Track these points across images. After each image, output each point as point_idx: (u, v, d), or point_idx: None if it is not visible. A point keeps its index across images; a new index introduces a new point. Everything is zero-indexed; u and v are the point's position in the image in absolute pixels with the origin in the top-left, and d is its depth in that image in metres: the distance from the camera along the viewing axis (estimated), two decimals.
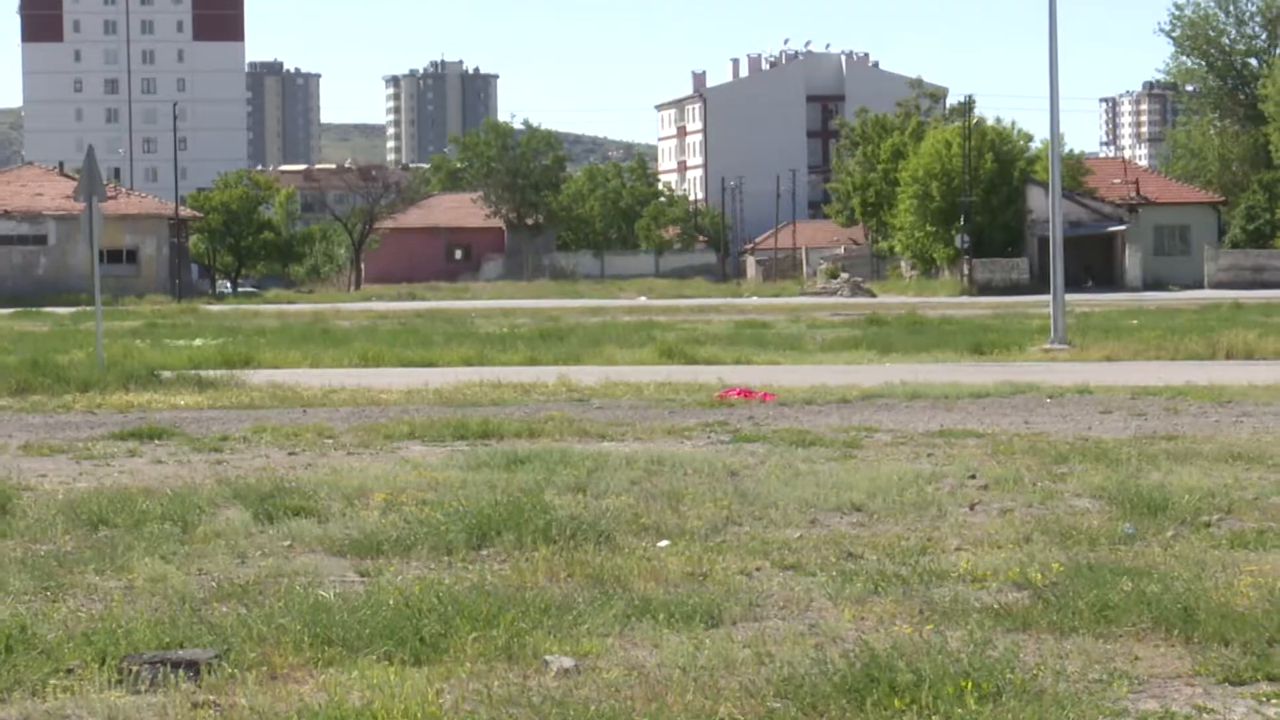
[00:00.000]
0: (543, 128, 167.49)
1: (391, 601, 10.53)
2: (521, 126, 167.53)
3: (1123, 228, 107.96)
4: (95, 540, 13.41)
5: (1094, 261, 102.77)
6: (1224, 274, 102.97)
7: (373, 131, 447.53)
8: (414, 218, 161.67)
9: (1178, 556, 12.28)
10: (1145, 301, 75.56)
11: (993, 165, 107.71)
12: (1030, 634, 10.07)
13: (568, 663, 9.36)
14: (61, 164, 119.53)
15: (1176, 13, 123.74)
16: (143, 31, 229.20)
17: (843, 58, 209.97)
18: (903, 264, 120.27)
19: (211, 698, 8.74)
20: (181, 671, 9.15)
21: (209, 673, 9.15)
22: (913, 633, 9.96)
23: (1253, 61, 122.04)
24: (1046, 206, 60.77)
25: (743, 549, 12.94)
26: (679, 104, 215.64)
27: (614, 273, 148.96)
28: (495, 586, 11.26)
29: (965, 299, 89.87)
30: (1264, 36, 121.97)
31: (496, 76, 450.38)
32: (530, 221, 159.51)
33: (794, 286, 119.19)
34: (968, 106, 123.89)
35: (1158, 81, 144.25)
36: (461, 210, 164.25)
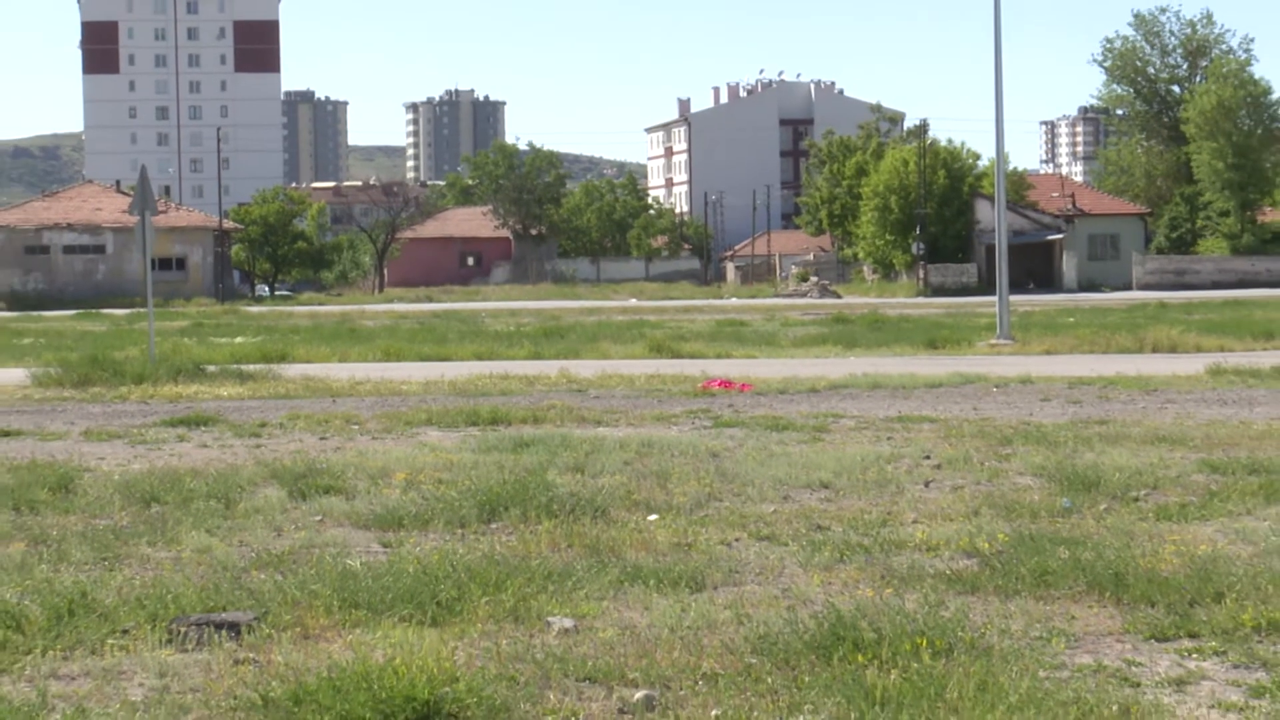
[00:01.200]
0: (545, 149, 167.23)
1: (411, 570, 10.52)
2: (526, 148, 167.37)
3: (1060, 236, 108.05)
4: (148, 516, 13.39)
5: (1035, 266, 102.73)
6: (1150, 277, 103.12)
7: (394, 152, 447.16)
8: (431, 229, 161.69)
9: (1109, 528, 12.28)
10: (1080, 302, 75.59)
11: (945, 181, 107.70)
12: (978, 597, 10.06)
13: (568, 623, 9.36)
14: (118, 182, 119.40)
15: (1108, 45, 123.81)
16: (190, 64, 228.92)
17: (812, 86, 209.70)
18: (865, 269, 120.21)
19: (251, 655, 8.73)
20: (224, 632, 9.16)
21: (249, 633, 9.15)
22: (874, 596, 9.97)
23: (1175, 88, 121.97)
24: (992, 217, 61.01)
25: (723, 522, 12.93)
26: (666, 127, 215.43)
27: (608, 277, 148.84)
28: (503, 556, 11.25)
29: (921, 300, 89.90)
30: (1185, 66, 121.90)
31: (504, 103, 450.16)
32: (534, 232, 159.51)
33: (769, 289, 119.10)
34: (922, 129, 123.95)
35: (1091, 106, 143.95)
36: (473, 222, 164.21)
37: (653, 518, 13.02)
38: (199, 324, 59.67)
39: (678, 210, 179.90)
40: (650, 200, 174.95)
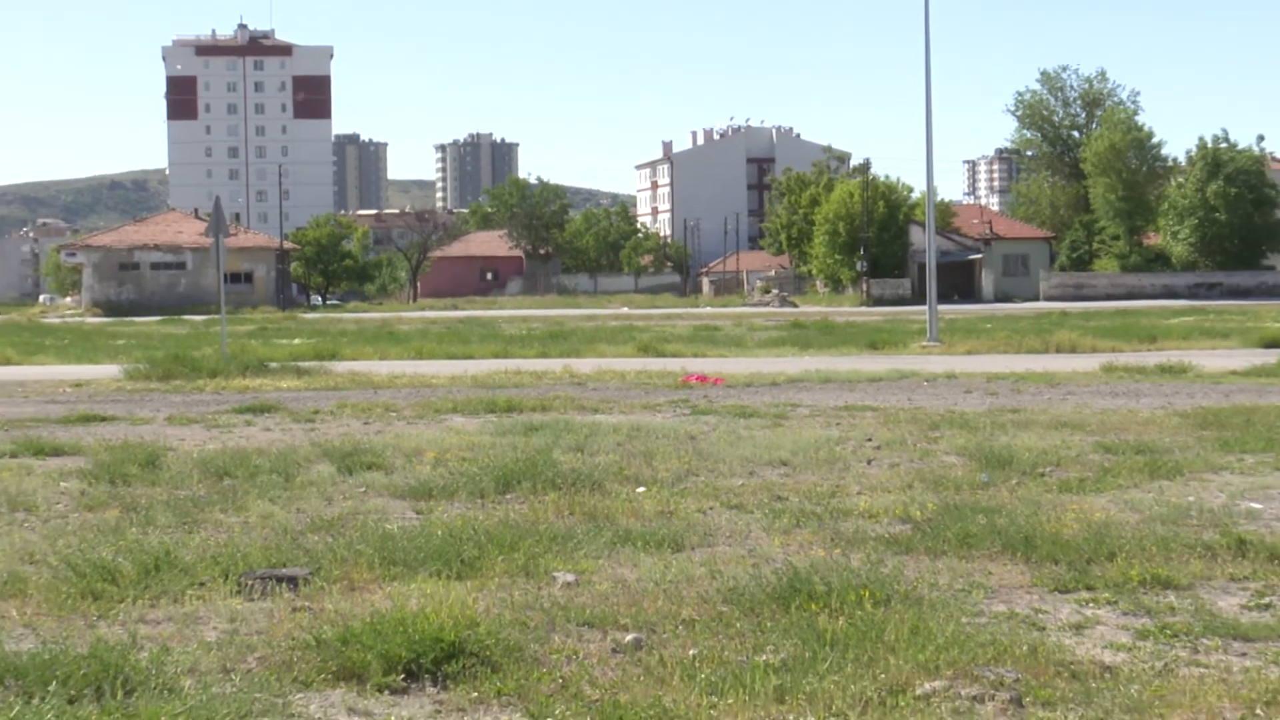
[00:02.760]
0: (551, 182, 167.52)
1: (439, 533, 10.51)
2: (535, 181, 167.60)
3: (979, 256, 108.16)
4: (220, 488, 13.37)
5: (958, 281, 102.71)
6: (1054, 290, 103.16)
7: (426, 185, 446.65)
8: (456, 249, 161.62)
9: (1020, 498, 12.29)
10: (996, 311, 75.66)
11: (884, 210, 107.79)
12: (911, 556, 10.07)
13: (570, 577, 9.35)
14: (196, 210, 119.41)
15: (1019, 97, 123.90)
16: (256, 112, 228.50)
17: (773, 130, 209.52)
18: (818, 283, 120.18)
19: (306, 604, 8.72)
20: (284, 585, 9.15)
21: (304, 585, 9.14)
22: (825, 555, 9.97)
23: (1075, 133, 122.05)
24: (924, 240, 60.95)
25: (699, 493, 12.92)
26: (652, 164, 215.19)
27: (604, 289, 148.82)
28: (516, 522, 11.24)
29: (864, 309, 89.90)
30: (1083, 115, 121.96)
31: (518, 144, 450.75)
32: (542, 252, 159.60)
33: (737, 300, 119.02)
34: (865, 166, 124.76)
35: (1005, 148, 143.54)
36: (491, 244, 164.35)
37: (640, 490, 13.01)
38: (263, 328, 59.64)
39: (662, 234, 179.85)
40: (639, 225, 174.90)
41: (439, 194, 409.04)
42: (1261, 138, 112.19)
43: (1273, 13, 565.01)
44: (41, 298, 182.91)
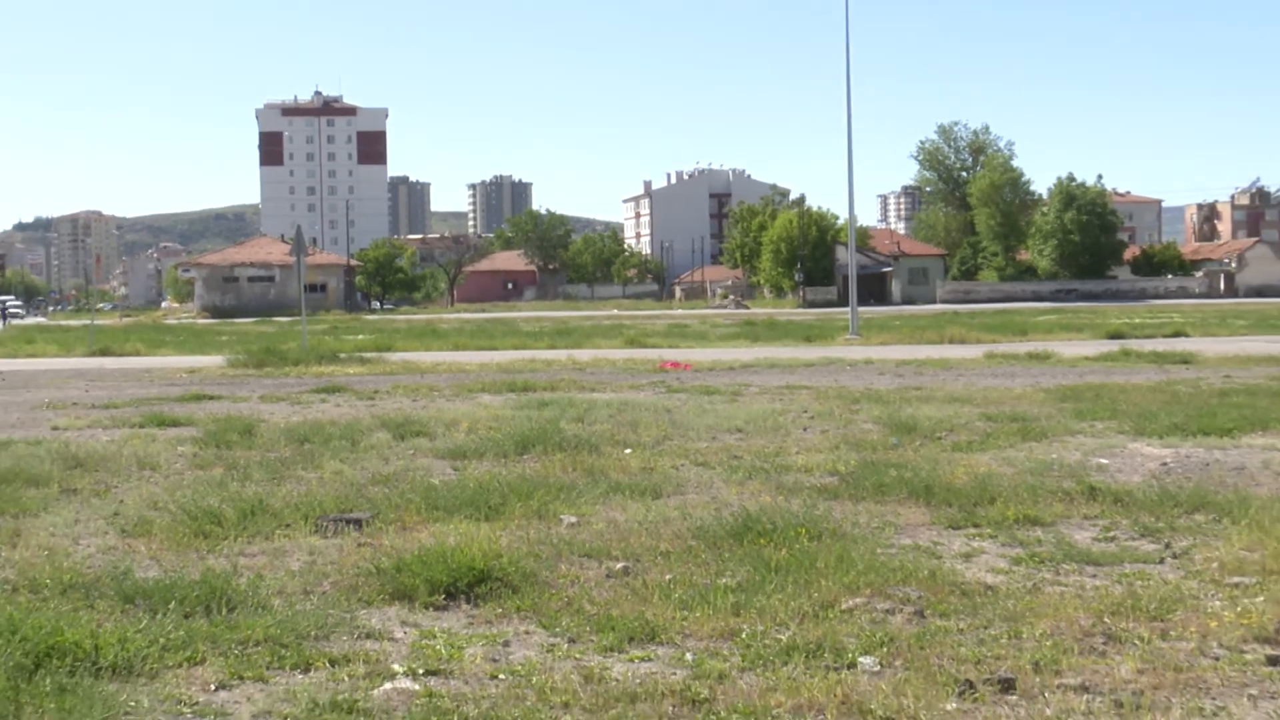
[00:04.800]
0: (557, 213, 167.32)
1: (472, 485, 10.49)
2: (545, 212, 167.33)
3: (890, 269, 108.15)
4: (301, 450, 13.33)
5: (874, 289, 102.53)
6: (948, 295, 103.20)
7: (460, 216, 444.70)
8: (484, 265, 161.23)
9: (922, 456, 12.29)
10: (903, 312, 75.66)
11: (816, 233, 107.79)
12: (838, 501, 10.06)
13: (573, 519, 9.34)
14: (282, 235, 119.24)
15: (920, 145, 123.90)
16: (328, 159, 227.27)
17: (730, 171, 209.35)
18: (765, 290, 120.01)
19: (368, 540, 8.70)
20: (351, 525, 9.14)
21: (366, 526, 9.13)
22: (770, 501, 9.96)
23: (964, 173, 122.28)
24: (847, 257, 60.88)
25: (673, 454, 12.90)
26: (636, 199, 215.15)
27: (599, 296, 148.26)
28: (531, 476, 11.22)
29: (801, 310, 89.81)
30: (970, 159, 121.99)
31: (531, 184, 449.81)
32: (551, 267, 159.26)
33: (703, 303, 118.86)
34: (801, 200, 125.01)
35: (910, 185, 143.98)
36: (511, 261, 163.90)
37: (627, 451, 12.98)
38: (334, 327, 59.50)
39: (644, 252, 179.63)
40: (626, 246, 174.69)
41: (470, 222, 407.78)
42: (1100, 176, 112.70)
43: (1113, 80, 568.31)
44: (163, 304, 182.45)
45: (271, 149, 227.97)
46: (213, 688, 5.78)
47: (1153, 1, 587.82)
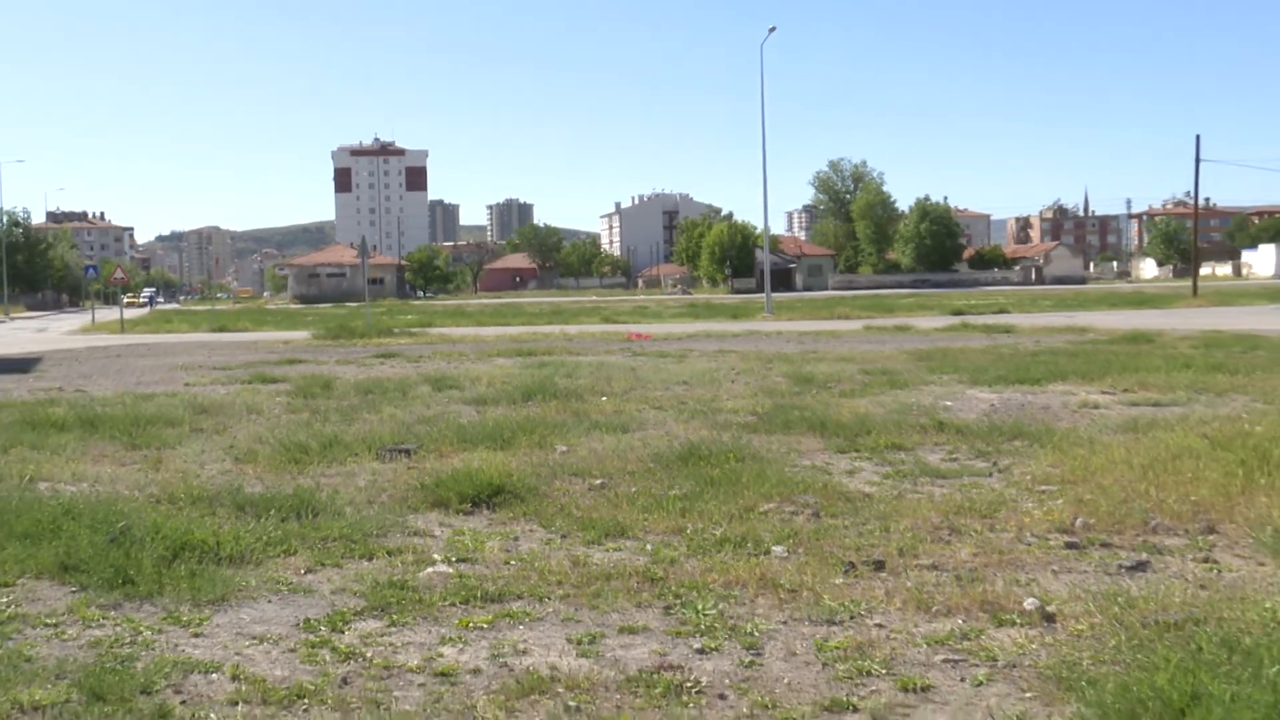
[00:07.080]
0: (552, 225, 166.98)
1: (490, 424, 10.42)
2: (543, 225, 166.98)
3: (794, 265, 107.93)
4: (366, 400, 13.24)
5: (783, 280, 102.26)
6: (837, 285, 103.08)
7: (481, 229, 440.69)
8: (499, 264, 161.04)
9: (818, 401, 12.30)
10: (804, 297, 75.68)
11: (740, 240, 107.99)
12: (757, 434, 10.05)
13: (564, 448, 9.29)
14: (351, 243, 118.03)
15: (817, 175, 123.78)
16: (384, 188, 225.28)
17: (678, 195, 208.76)
18: (704, 281, 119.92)
19: (415, 465, 8.62)
20: (402, 454, 9.06)
21: (414, 454, 9.04)
22: (708, 434, 9.94)
23: (847, 195, 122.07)
24: (763, 257, 60.70)
25: (638, 400, 12.86)
26: (609, 215, 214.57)
27: (583, 287, 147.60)
28: (534, 418, 11.17)
29: (730, 296, 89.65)
30: (852, 185, 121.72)
31: (533, 204, 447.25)
32: (548, 265, 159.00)
33: (659, 292, 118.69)
34: (730, 215, 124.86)
35: (809, 204, 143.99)
36: (519, 261, 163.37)
37: (604, 399, 12.95)
38: (390, 310, 58.73)
39: (615, 254, 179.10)
40: (602, 249, 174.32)
41: (489, 233, 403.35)
42: (946, 197, 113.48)
43: (957, 122, 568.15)
44: (265, 294, 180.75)
45: (343, 180, 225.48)
46: (302, 572, 5.76)
47: (981, 63, 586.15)
